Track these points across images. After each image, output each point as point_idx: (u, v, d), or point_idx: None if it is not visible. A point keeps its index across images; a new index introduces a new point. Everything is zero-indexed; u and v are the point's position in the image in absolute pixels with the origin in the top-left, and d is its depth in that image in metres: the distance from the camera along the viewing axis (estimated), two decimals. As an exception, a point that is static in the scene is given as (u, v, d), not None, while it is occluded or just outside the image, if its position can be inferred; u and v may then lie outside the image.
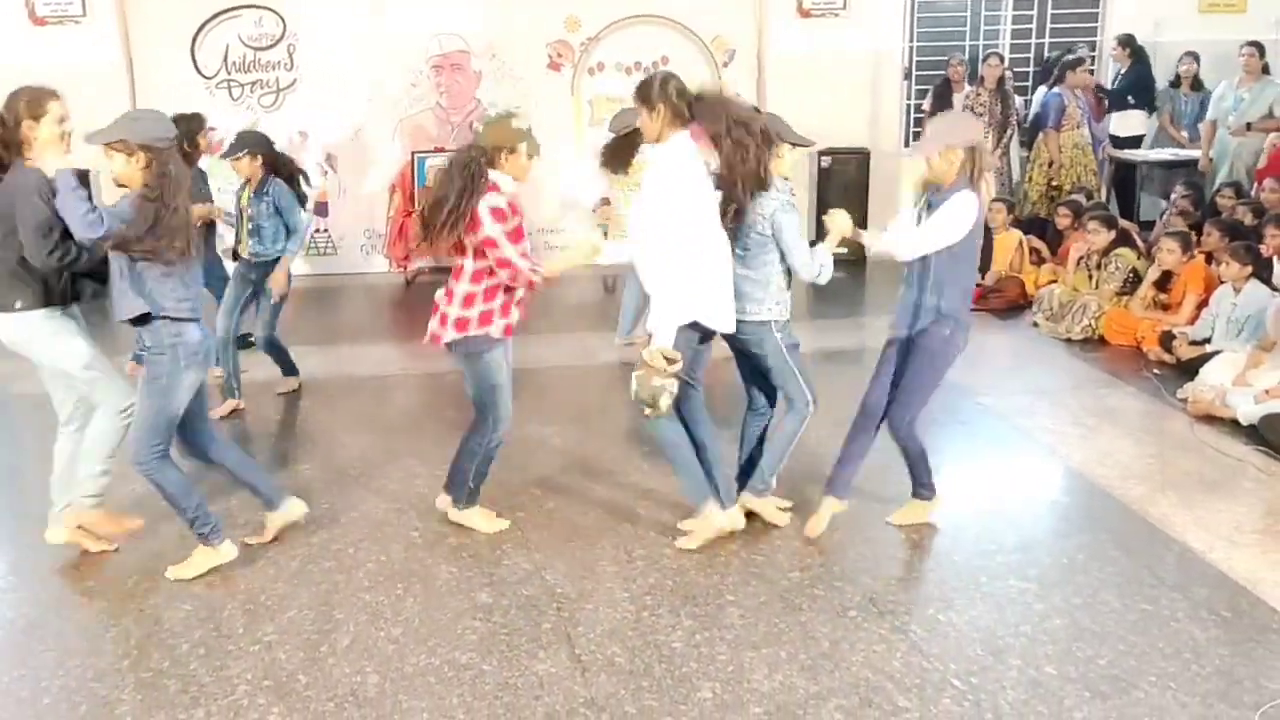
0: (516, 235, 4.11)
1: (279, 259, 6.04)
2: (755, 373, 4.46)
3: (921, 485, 4.49)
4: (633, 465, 5.15)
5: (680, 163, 4.04)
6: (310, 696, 3.40)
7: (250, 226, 6.05)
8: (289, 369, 6.50)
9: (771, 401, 4.52)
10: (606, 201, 7.10)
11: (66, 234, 3.88)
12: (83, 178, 3.90)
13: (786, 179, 4.27)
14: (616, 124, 6.71)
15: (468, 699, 3.39)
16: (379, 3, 9.31)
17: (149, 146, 3.79)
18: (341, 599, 3.99)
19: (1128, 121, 9.85)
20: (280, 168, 6.17)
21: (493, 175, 4.07)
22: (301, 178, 6.27)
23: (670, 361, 3.98)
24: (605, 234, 6.71)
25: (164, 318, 3.86)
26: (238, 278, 6.20)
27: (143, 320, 3.86)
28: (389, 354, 7.33)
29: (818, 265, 4.23)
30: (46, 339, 4.11)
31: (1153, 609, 3.85)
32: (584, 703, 3.36)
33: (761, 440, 4.55)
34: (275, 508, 4.39)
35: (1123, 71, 9.85)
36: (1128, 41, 9.78)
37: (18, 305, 4.05)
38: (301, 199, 6.21)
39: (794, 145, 4.27)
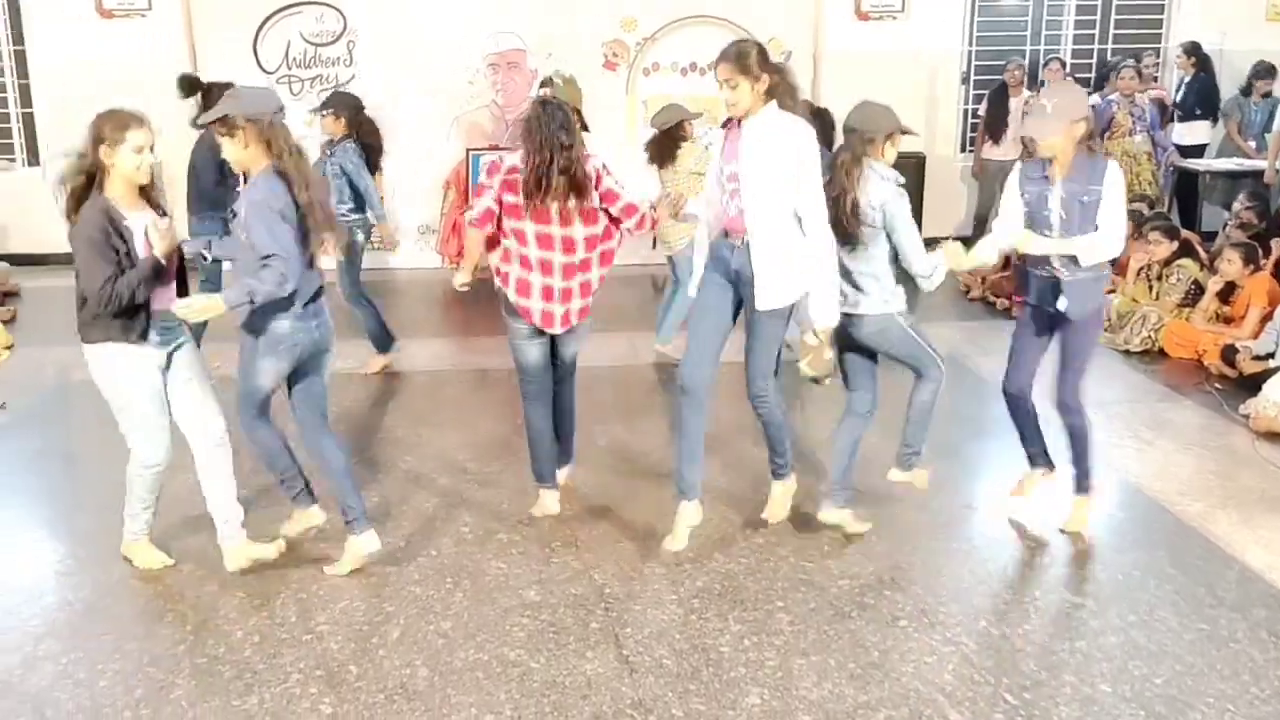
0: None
1: (345, 218, 6.18)
2: (866, 370, 4.34)
3: (1083, 475, 4.43)
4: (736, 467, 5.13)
5: (805, 127, 4.05)
6: (361, 688, 3.43)
7: (332, 187, 6.20)
8: (382, 343, 6.60)
9: (873, 405, 4.39)
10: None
11: (117, 278, 3.72)
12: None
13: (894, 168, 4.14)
14: (660, 119, 6.75)
15: (515, 696, 3.40)
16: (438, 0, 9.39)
17: (254, 119, 3.73)
18: (392, 592, 4.03)
19: (1192, 130, 9.67)
20: (361, 133, 6.34)
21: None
22: (377, 149, 6.52)
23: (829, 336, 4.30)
24: (653, 242, 6.73)
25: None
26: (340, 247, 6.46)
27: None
28: (441, 349, 7.39)
29: (932, 264, 4.10)
30: (103, 375, 3.94)
31: (1210, 629, 3.78)
32: (631, 704, 3.36)
33: (857, 449, 4.36)
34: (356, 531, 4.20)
35: (1187, 80, 9.67)
36: (1193, 50, 9.61)
37: (93, 338, 3.88)
38: (370, 164, 6.36)
39: (903, 133, 4.19)
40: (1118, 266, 7.94)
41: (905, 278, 4.17)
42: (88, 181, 3.79)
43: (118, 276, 3.73)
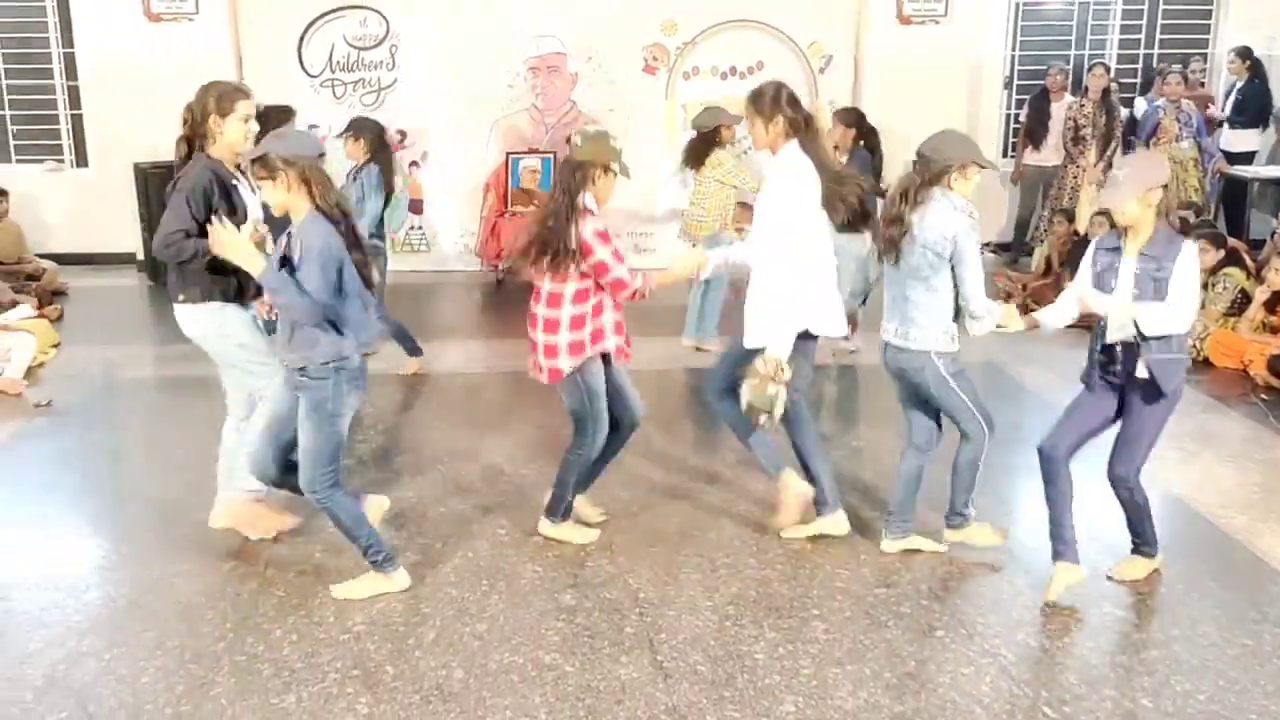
0: (618, 255, 4.11)
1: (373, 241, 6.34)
2: (917, 400, 4.22)
3: (1144, 543, 4.15)
4: (717, 473, 5.14)
5: (798, 173, 4.14)
6: (397, 688, 3.46)
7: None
8: (412, 347, 6.75)
9: (935, 436, 4.27)
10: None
11: (189, 235, 3.96)
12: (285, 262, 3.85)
13: (968, 199, 4.03)
14: (699, 121, 6.76)
15: (550, 699, 3.41)
16: (480, 4, 9.44)
17: (292, 162, 3.67)
18: (428, 593, 4.05)
19: (1240, 137, 9.52)
20: (378, 157, 6.51)
21: (583, 200, 4.06)
22: (392, 172, 6.64)
23: (782, 370, 4.03)
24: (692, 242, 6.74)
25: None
26: None
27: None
28: (478, 352, 7.43)
29: (987, 308, 3.98)
30: (210, 333, 4.14)
31: (1254, 644, 3.72)
32: (665, 710, 3.36)
33: (918, 483, 4.27)
34: None
35: (1240, 85, 9.52)
36: (1246, 54, 9.46)
37: (180, 298, 4.11)
38: (385, 191, 6.52)
39: (981, 167, 4.06)
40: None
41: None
42: (188, 152, 4.07)
43: (190, 234, 3.94)
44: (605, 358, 4.25)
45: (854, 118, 7.32)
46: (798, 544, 4.43)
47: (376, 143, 6.56)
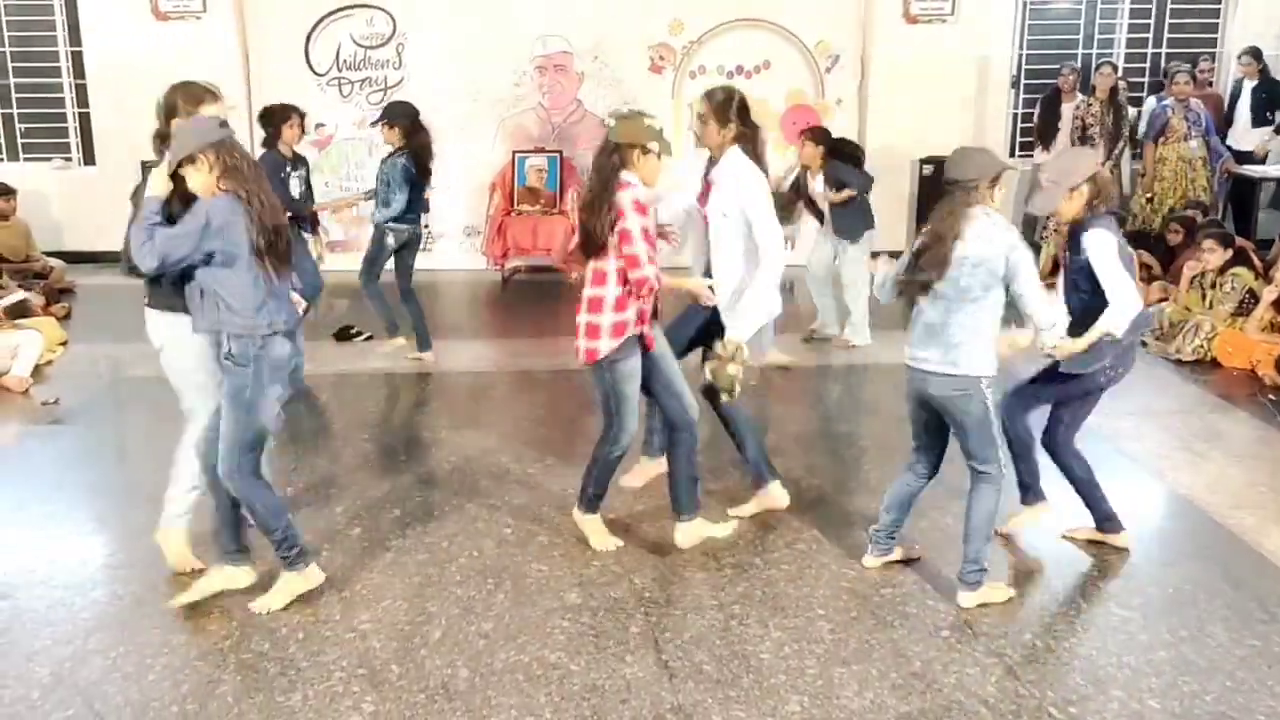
0: (648, 236, 4.03)
1: (388, 221, 6.67)
2: (937, 432, 4.02)
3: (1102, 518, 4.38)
4: (721, 472, 5.13)
5: (756, 173, 4.36)
6: (402, 687, 3.46)
7: (379, 192, 6.71)
8: (423, 339, 6.94)
9: (934, 469, 4.13)
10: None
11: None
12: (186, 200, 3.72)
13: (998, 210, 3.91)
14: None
15: (555, 698, 3.41)
16: (486, 3, 9.44)
17: (206, 150, 3.59)
18: (434, 592, 4.05)
19: (1248, 136, 9.50)
20: (411, 142, 6.62)
21: (624, 175, 4.00)
22: (426, 161, 6.72)
23: (741, 352, 4.25)
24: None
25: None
26: (371, 241, 6.91)
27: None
28: (484, 351, 7.44)
29: (1054, 316, 3.88)
30: (169, 343, 3.96)
31: (1262, 645, 3.70)
32: (671, 709, 3.35)
33: (909, 505, 4.17)
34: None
35: (1254, 85, 9.49)
36: (1258, 54, 9.44)
37: (149, 301, 3.93)
38: (412, 180, 6.61)
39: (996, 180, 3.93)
40: (1171, 274, 7.83)
41: None
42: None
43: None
44: (647, 355, 4.17)
45: (823, 135, 7.43)
46: (804, 544, 4.42)
47: (410, 127, 6.65)
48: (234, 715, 3.32)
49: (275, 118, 6.49)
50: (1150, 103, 9.66)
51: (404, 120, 6.64)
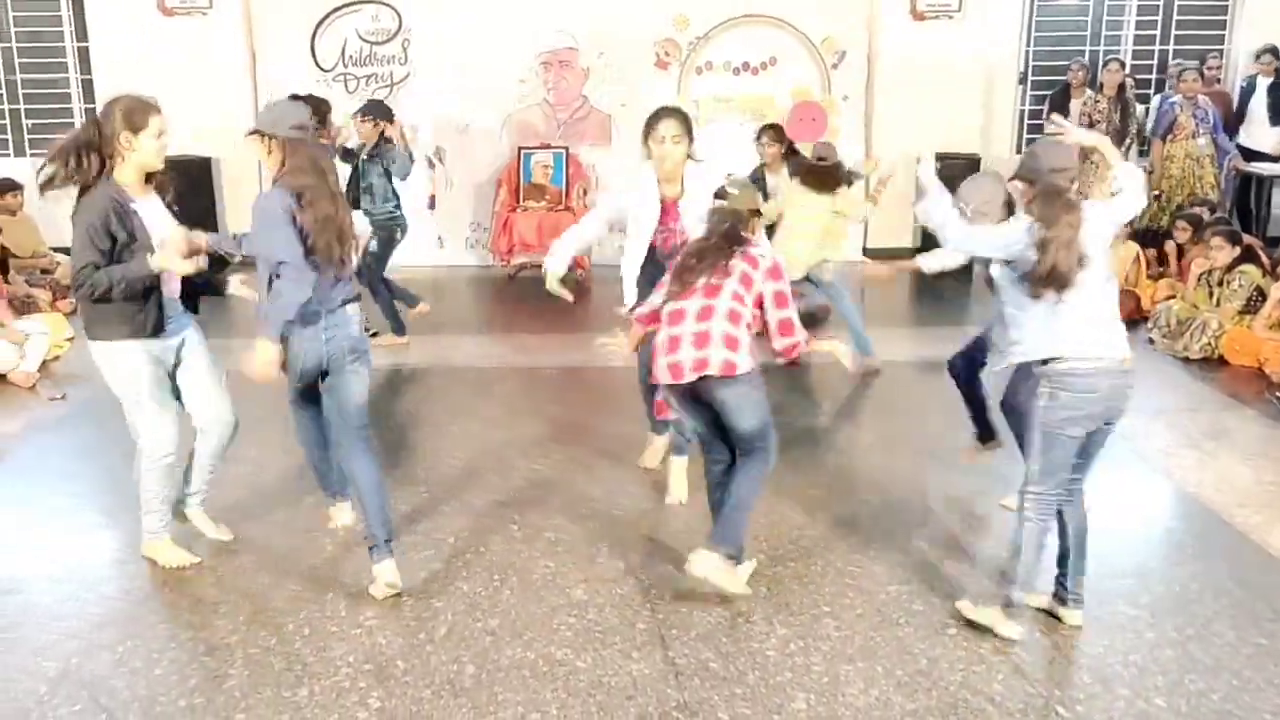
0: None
1: (392, 216, 7.01)
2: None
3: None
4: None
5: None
6: (409, 683, 3.46)
7: (364, 185, 6.95)
8: (397, 325, 7.23)
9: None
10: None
11: (98, 266, 3.76)
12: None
13: None
14: (818, 151, 6.93)
15: (561, 695, 3.41)
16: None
17: (283, 138, 3.79)
18: (440, 588, 4.06)
19: (1253, 134, 9.47)
20: (388, 138, 7.01)
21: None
22: (401, 151, 7.03)
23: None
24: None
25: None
26: (379, 242, 7.08)
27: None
28: (490, 347, 7.43)
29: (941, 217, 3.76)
30: (110, 371, 4.05)
31: (1269, 644, 3.69)
32: (677, 706, 3.36)
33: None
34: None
35: (1270, 84, 9.46)
36: (1278, 52, 9.41)
37: (90, 335, 3.97)
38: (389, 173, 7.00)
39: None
40: (1178, 271, 7.81)
41: None
42: (100, 167, 3.79)
43: (99, 265, 3.76)
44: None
45: (782, 133, 7.65)
46: (810, 542, 4.42)
47: (386, 124, 7.02)
48: (241, 710, 3.33)
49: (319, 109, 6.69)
50: (1155, 100, 9.63)
51: (381, 115, 7.03)
